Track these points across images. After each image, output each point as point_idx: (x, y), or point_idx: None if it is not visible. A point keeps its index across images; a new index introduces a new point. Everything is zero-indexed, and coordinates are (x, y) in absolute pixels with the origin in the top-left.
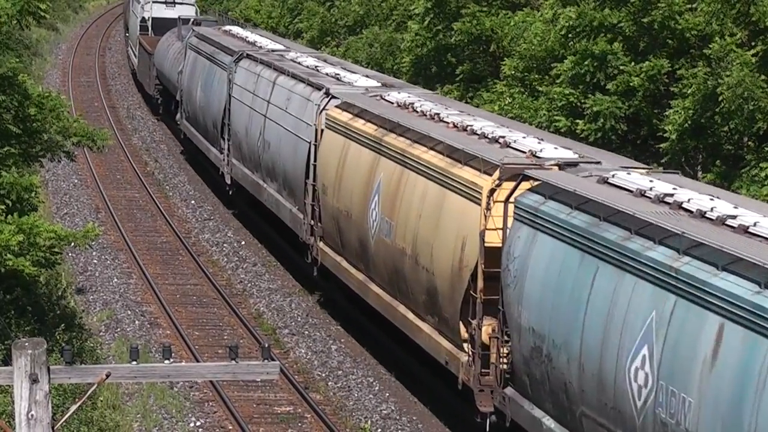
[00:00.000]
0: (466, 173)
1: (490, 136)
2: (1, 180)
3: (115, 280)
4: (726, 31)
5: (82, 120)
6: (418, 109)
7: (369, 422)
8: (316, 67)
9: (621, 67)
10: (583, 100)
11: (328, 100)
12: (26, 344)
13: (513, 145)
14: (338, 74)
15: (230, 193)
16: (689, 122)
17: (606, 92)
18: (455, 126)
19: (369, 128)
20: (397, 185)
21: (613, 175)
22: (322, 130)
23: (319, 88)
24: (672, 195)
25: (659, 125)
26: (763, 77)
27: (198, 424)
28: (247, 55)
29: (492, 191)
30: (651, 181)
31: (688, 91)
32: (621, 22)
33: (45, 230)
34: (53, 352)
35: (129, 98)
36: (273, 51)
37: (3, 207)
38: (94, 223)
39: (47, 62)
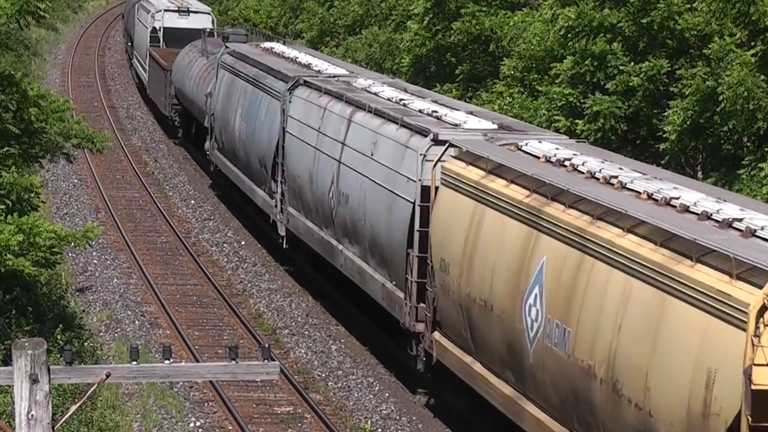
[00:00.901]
0: (706, 277)
1: (716, 217)
2: (1, 180)
3: (115, 280)
4: (726, 31)
5: (83, 122)
6: (582, 168)
7: (369, 422)
8: (401, 100)
9: (620, 67)
10: (582, 100)
11: (444, 150)
12: (26, 344)
13: None
14: (436, 111)
15: (285, 246)
16: (689, 122)
17: (606, 92)
18: (651, 197)
19: (516, 193)
20: (574, 277)
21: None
22: (436, 188)
23: (422, 132)
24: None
25: (659, 125)
26: (763, 77)
27: (198, 424)
28: (305, 81)
29: (764, 309)
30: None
31: (687, 92)
32: (620, 22)
33: (45, 230)
34: (53, 352)
35: (128, 98)
36: (335, 77)
37: (3, 207)
38: (94, 223)
39: (47, 62)
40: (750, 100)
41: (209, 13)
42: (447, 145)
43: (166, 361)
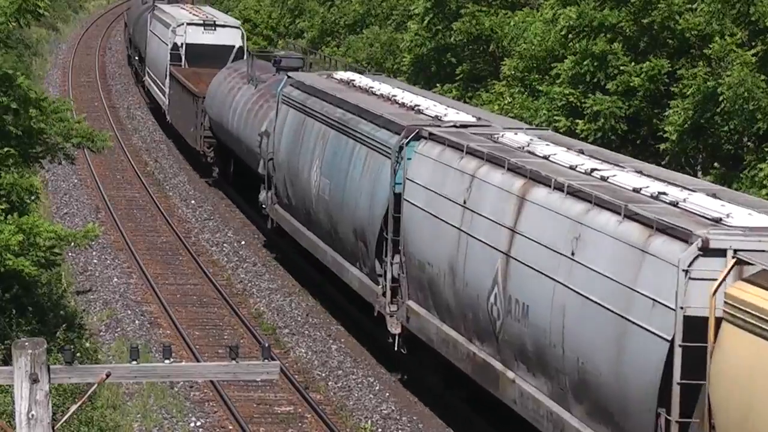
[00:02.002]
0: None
1: None
2: (1, 180)
3: (115, 279)
4: (726, 31)
5: (84, 122)
6: None
7: (369, 422)
8: (592, 170)
9: (621, 67)
10: (583, 100)
11: (731, 267)
12: (26, 344)
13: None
14: (669, 195)
15: (399, 349)
16: (689, 122)
17: (606, 92)
18: None
19: None
20: None
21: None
22: (716, 323)
23: (672, 232)
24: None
25: (659, 125)
26: (763, 77)
27: (198, 424)
28: (431, 134)
29: None
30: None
31: (688, 92)
32: (621, 23)
33: (45, 230)
34: (53, 351)
35: (129, 98)
36: (464, 126)
37: (3, 207)
38: (94, 223)
39: (47, 62)
40: (750, 100)
41: (239, 28)
42: (734, 260)
43: (167, 361)
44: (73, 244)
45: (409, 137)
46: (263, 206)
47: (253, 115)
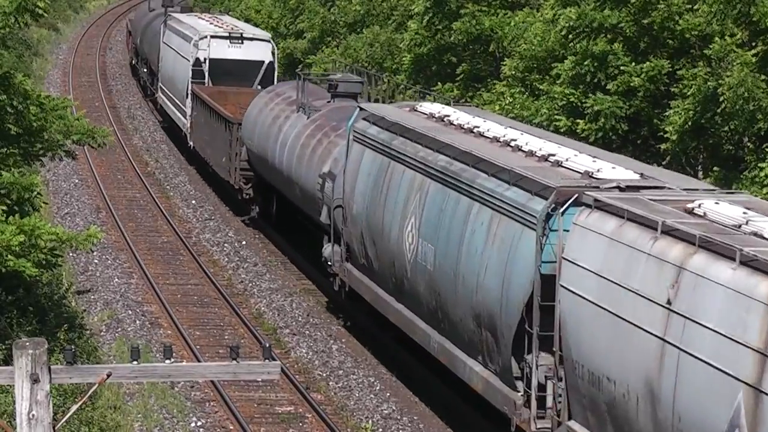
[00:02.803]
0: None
1: None
2: (1, 180)
3: (116, 280)
4: (726, 31)
5: (83, 118)
6: None
7: (370, 422)
8: None
9: (621, 68)
10: (583, 100)
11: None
12: (27, 344)
13: None
14: None
15: None
16: (689, 123)
17: (606, 92)
18: None
19: None
20: None
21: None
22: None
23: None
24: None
25: (660, 125)
26: (763, 77)
27: (199, 424)
28: (597, 202)
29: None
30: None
31: (689, 92)
32: (621, 23)
33: (46, 232)
34: (54, 352)
35: (129, 98)
36: (638, 187)
37: (4, 208)
38: (95, 223)
39: (48, 62)
40: (750, 100)
41: (269, 41)
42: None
43: (167, 361)
44: (74, 247)
45: (565, 204)
46: (329, 263)
47: (310, 151)
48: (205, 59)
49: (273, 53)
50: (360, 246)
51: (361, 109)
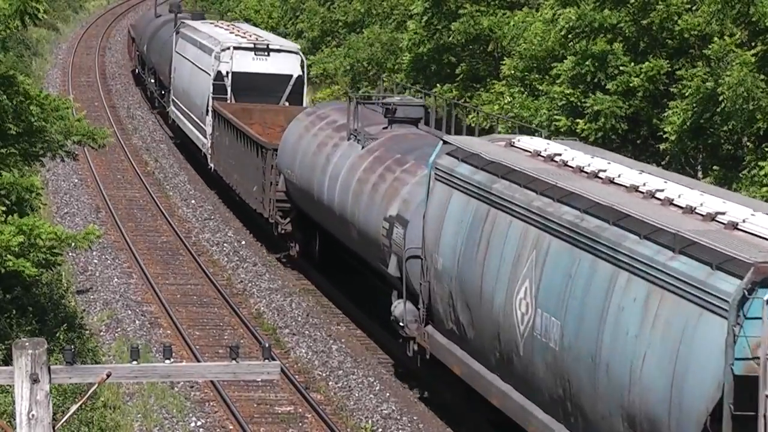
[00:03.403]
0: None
1: None
2: (1, 180)
3: (116, 279)
4: (726, 31)
5: (84, 120)
6: None
7: (370, 422)
8: None
9: (621, 68)
10: (583, 100)
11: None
12: (27, 344)
13: None
14: None
15: None
16: (689, 123)
17: (606, 92)
18: None
19: None
20: None
21: None
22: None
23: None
24: None
25: (659, 125)
26: (762, 77)
27: (199, 424)
28: None
29: None
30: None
31: (688, 92)
32: (621, 23)
33: (45, 231)
34: (54, 352)
35: (129, 98)
36: None
37: (3, 208)
38: (95, 223)
39: (47, 62)
40: (750, 100)
41: (297, 53)
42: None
43: (167, 361)
44: (73, 245)
45: (758, 281)
46: (400, 324)
47: (370, 189)
48: (227, 73)
49: (302, 66)
50: (447, 308)
51: (446, 142)
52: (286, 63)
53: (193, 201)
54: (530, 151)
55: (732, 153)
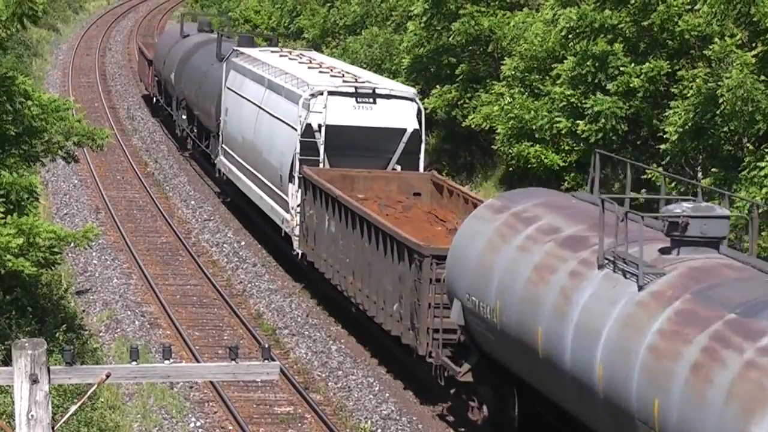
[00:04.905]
0: None
1: None
2: (0, 180)
3: (115, 280)
4: (726, 32)
5: (84, 120)
6: None
7: (369, 422)
8: None
9: (621, 68)
10: (583, 101)
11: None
12: (26, 344)
13: None
14: None
15: None
16: (689, 124)
17: (606, 93)
18: None
19: None
20: None
21: None
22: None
23: None
24: None
25: (659, 126)
26: (763, 78)
27: (198, 424)
28: None
29: None
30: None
31: (689, 93)
32: (621, 24)
33: (44, 230)
34: (53, 352)
35: (129, 99)
36: None
37: (3, 208)
38: (94, 223)
39: (47, 63)
40: (750, 102)
41: (413, 99)
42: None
43: (166, 362)
44: (72, 244)
45: None
46: None
47: (689, 373)
48: (320, 126)
49: (419, 116)
50: None
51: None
52: (398, 112)
53: (192, 202)
54: None
55: (732, 154)
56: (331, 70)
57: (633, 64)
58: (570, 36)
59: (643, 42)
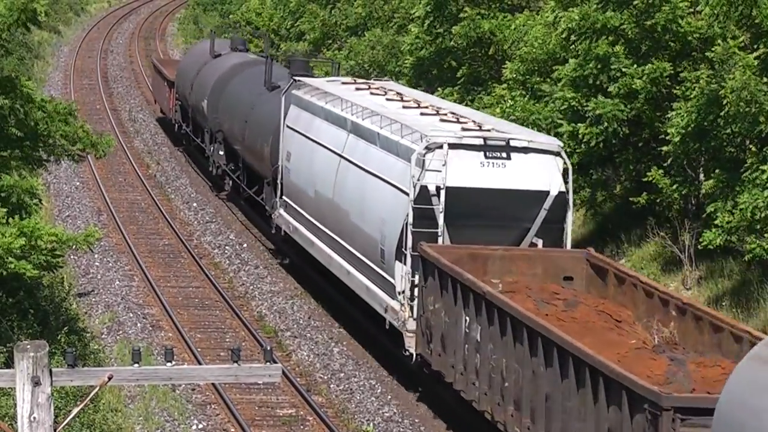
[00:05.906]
0: None
1: None
2: (1, 183)
3: (117, 282)
4: (728, 33)
5: (87, 126)
6: None
7: (371, 425)
8: None
9: (623, 70)
10: (584, 103)
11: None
12: (28, 347)
13: None
14: None
15: None
16: (692, 125)
17: (608, 95)
18: None
19: None
20: None
21: None
22: None
23: None
24: None
25: (661, 128)
26: (765, 80)
27: (200, 426)
28: None
29: None
30: None
31: (691, 95)
32: (623, 25)
33: (46, 233)
34: (55, 354)
35: (131, 100)
36: None
37: (4, 210)
38: (96, 225)
39: (49, 65)
40: (753, 103)
41: (558, 152)
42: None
43: (168, 364)
44: (74, 247)
45: None
46: None
47: None
48: (438, 189)
49: (565, 175)
50: None
51: None
52: (539, 170)
53: (194, 204)
54: None
55: (735, 156)
56: (437, 112)
57: (635, 66)
58: (572, 37)
59: (645, 43)
